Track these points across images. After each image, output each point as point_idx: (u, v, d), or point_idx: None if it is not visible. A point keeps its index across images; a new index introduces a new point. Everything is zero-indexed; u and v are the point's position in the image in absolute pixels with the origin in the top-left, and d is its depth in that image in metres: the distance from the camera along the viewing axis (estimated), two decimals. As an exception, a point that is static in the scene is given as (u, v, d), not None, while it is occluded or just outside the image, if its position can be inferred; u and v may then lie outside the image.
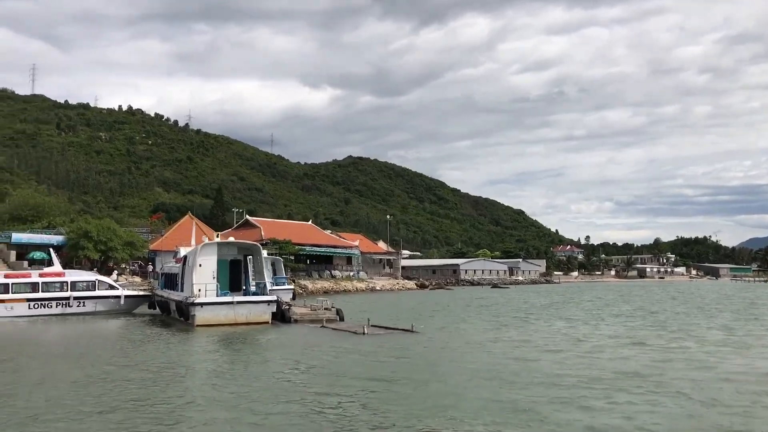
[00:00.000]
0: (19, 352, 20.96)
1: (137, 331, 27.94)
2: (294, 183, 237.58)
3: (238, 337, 24.93)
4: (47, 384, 14.78)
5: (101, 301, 34.46)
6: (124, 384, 14.85)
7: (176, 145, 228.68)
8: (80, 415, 11.64)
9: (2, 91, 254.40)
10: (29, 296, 32.56)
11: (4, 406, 12.33)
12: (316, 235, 79.50)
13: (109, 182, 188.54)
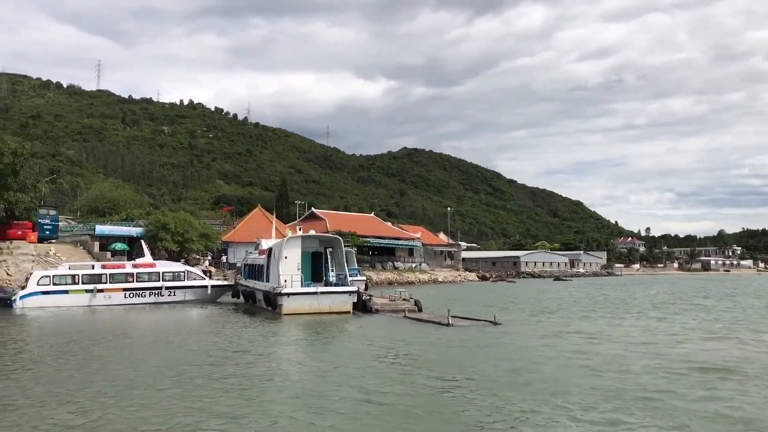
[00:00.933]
0: (125, 335, 22.49)
1: (230, 318, 29.41)
2: (350, 175, 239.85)
3: (327, 325, 25.97)
4: (150, 363, 15.94)
5: (190, 291, 36.21)
6: (229, 362, 15.93)
7: (236, 138, 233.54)
8: (195, 389, 12.66)
9: (70, 87, 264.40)
10: (125, 286, 34.41)
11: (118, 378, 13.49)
12: (379, 227, 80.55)
13: (173, 175, 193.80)
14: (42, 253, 49.17)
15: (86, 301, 32.88)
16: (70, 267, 35.04)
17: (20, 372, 15.06)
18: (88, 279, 33.48)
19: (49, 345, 19.67)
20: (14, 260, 46.71)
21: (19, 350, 18.77)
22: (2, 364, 16.25)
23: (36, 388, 13.16)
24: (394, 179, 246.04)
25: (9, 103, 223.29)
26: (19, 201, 48.87)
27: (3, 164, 48.01)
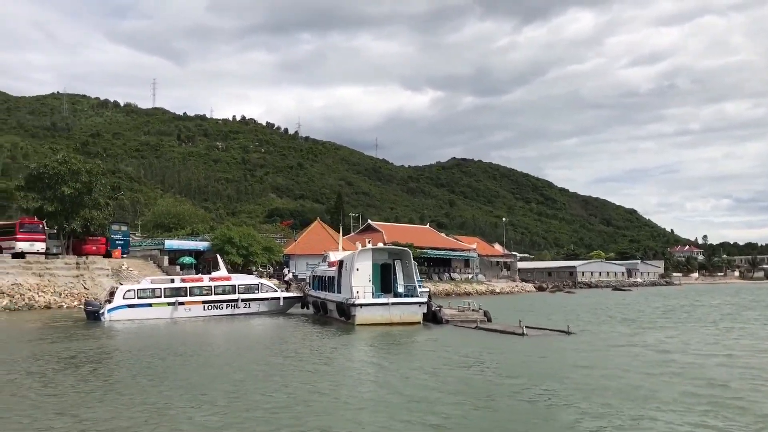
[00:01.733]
0: (214, 344, 23.59)
1: (307, 328, 30.45)
2: (399, 186, 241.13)
3: (403, 335, 26.62)
4: (240, 368, 16.81)
5: (264, 303, 37.41)
6: (323, 372, 16.71)
7: (287, 152, 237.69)
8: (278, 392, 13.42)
9: (127, 106, 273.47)
10: (204, 299, 35.76)
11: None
12: (434, 239, 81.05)
13: (227, 189, 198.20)
14: (115, 268, 51.34)
15: (168, 313, 34.29)
16: (152, 281, 36.55)
17: (157, 379, 16.08)
18: (170, 292, 34.92)
19: (159, 354, 20.83)
20: (90, 275, 48.93)
21: (133, 358, 19.98)
22: (133, 372, 17.34)
23: (173, 392, 14.12)
24: (444, 190, 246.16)
25: (70, 122, 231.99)
26: (94, 218, 51.18)
27: (80, 183, 50.41)
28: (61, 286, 45.89)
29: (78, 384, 15.23)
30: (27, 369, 17.54)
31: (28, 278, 45.11)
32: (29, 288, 44.12)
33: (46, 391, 14.40)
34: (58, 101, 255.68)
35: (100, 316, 32.31)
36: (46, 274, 46.40)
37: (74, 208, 50.18)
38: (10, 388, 14.72)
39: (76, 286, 46.76)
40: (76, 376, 16.34)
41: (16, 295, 42.65)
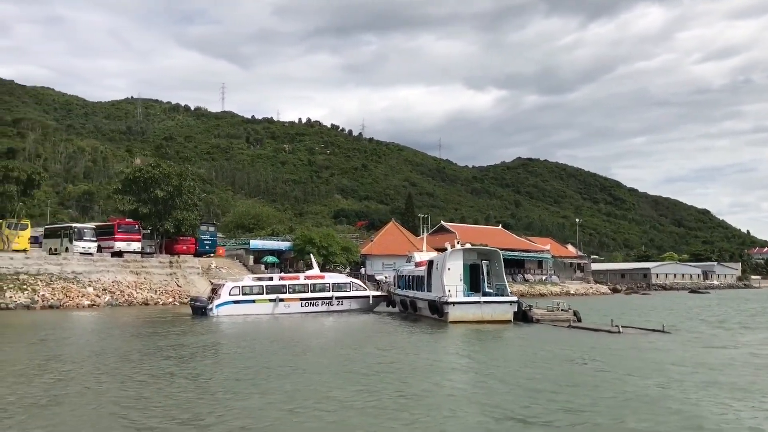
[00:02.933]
0: (327, 338, 24.89)
1: (402, 324, 31.70)
2: (463, 186, 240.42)
3: (498, 333, 27.41)
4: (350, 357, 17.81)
5: (355, 300, 38.95)
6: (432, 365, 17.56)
7: (351, 153, 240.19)
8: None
9: (197, 110, 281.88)
10: (302, 296, 37.41)
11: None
12: (507, 240, 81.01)
13: (294, 190, 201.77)
14: (204, 267, 53.67)
15: (270, 309, 35.98)
16: (253, 279, 38.32)
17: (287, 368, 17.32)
18: (271, 289, 36.64)
19: (285, 346, 22.47)
20: (182, 273, 51.36)
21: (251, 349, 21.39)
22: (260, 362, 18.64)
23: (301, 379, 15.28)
24: (509, 190, 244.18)
25: (144, 126, 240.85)
26: (184, 219, 53.63)
27: (171, 186, 52.95)
28: (156, 283, 48.41)
29: (222, 372, 16.57)
30: (180, 358, 19.18)
31: (127, 276, 47.80)
32: (128, 285, 46.78)
33: (197, 376, 15.76)
34: (132, 106, 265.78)
35: (208, 312, 34.07)
36: (142, 272, 49.02)
37: (166, 209, 52.76)
38: (168, 377, 16.14)
39: (170, 284, 49.22)
40: (212, 366, 17.72)
41: (116, 292, 45.34)
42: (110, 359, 18.84)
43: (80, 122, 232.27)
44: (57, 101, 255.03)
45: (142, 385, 14.61)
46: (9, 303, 39.47)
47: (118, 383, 14.71)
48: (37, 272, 43.74)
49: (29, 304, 40.03)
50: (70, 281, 44.32)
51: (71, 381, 14.95)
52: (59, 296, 42.11)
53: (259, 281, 37.66)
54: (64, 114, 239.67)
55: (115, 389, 13.98)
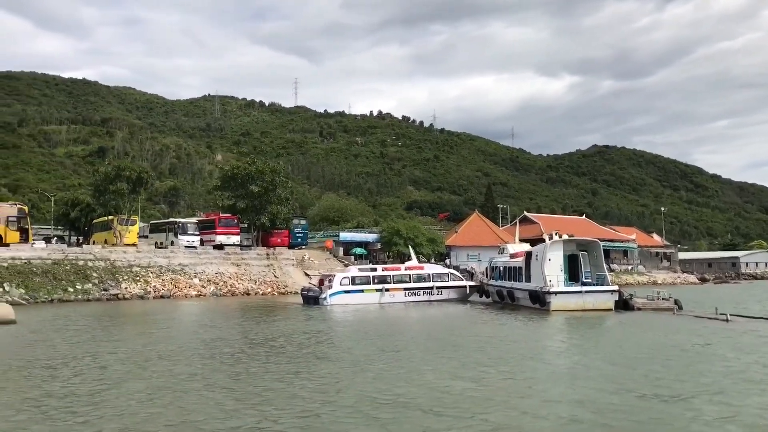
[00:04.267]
0: (441, 325, 26.05)
1: (505, 314, 32.48)
2: (538, 176, 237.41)
3: (605, 320, 28.10)
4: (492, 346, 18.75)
5: (454, 290, 40.16)
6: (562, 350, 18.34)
7: (423, 144, 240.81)
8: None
9: (271, 105, 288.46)
10: (405, 286, 38.77)
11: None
12: (591, 230, 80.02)
13: (367, 183, 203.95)
14: (298, 258, 55.80)
15: (377, 299, 37.45)
16: (359, 269, 39.84)
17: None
18: (378, 280, 38.16)
19: (411, 331, 24.55)
20: (278, 264, 53.60)
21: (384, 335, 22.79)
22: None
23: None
24: (585, 178, 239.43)
25: (222, 123, 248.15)
26: (279, 213, 55.86)
27: (265, 182, 55.23)
28: (255, 274, 50.77)
29: (369, 355, 17.87)
30: (329, 343, 20.73)
31: (228, 268, 50.34)
32: (230, 276, 49.31)
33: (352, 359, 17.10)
34: (209, 103, 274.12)
35: (321, 301, 35.76)
36: (242, 264, 51.51)
37: (261, 204, 55.08)
38: (328, 362, 17.55)
39: (268, 275, 51.49)
40: (357, 348, 19.07)
41: (220, 283, 47.90)
42: (279, 342, 20.82)
43: (161, 120, 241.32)
44: (138, 100, 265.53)
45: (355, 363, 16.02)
46: (125, 293, 42.44)
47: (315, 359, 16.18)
48: (148, 265, 46.69)
49: (143, 294, 42.93)
50: (177, 273, 47.14)
51: (250, 361, 16.52)
52: (169, 287, 44.93)
53: (366, 272, 39.15)
54: (146, 112, 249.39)
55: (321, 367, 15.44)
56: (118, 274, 44.18)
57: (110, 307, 36.94)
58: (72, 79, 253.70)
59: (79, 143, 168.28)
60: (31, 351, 18.61)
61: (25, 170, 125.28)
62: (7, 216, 44.24)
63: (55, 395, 12.57)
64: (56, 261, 42.65)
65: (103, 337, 22.46)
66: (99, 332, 23.94)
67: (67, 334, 22.87)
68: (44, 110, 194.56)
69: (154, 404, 11.81)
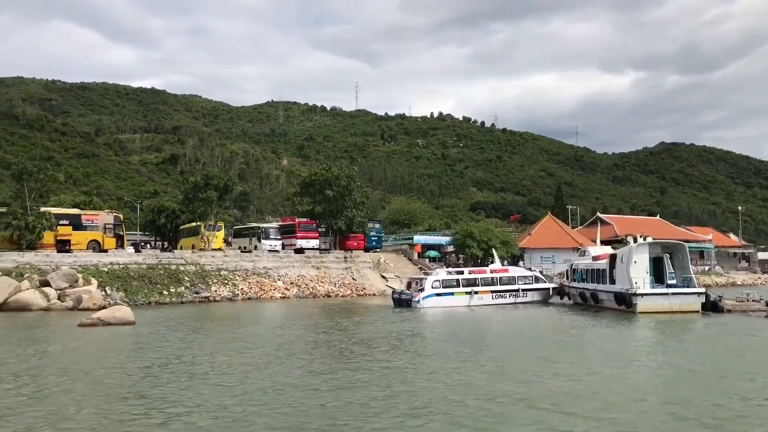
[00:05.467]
0: (543, 327, 26.79)
1: (593, 315, 32.94)
2: (604, 175, 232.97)
3: (696, 322, 28.23)
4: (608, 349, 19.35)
5: (537, 292, 40.82)
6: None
7: (485, 145, 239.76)
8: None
9: (333, 109, 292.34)
10: (492, 288, 39.55)
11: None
12: (666, 230, 78.82)
13: (429, 185, 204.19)
14: (374, 261, 57.10)
15: (466, 301, 38.29)
16: (447, 272, 40.73)
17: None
18: (466, 282, 39.05)
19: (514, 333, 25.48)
20: (356, 267, 55.01)
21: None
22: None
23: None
24: (653, 177, 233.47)
25: (286, 128, 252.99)
26: (355, 216, 57.30)
27: (341, 187, 56.76)
28: (335, 277, 52.28)
29: (471, 354, 18.84)
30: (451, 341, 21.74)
31: (309, 271, 52.04)
32: (311, 279, 50.96)
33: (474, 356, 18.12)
34: (273, 109, 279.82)
35: (413, 304, 36.79)
36: (321, 267, 53.12)
37: (338, 208, 56.61)
38: (439, 357, 18.62)
39: (346, 277, 52.95)
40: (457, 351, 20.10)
41: (302, 285, 49.59)
42: (408, 342, 22.04)
43: (227, 126, 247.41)
44: (204, 108, 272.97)
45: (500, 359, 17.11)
46: (215, 296, 44.52)
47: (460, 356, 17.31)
48: (235, 268, 48.76)
49: (231, 296, 44.93)
50: (262, 276, 49.06)
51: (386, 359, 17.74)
52: (255, 289, 46.84)
53: (455, 275, 40.00)
54: (212, 119, 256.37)
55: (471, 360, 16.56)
56: (207, 278, 46.31)
57: (204, 308, 39.02)
58: (141, 88, 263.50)
59: (152, 151, 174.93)
60: (164, 348, 20.33)
61: (104, 178, 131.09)
62: (105, 223, 47.03)
63: (209, 384, 14.02)
64: (151, 266, 45.06)
65: (219, 335, 24.13)
66: (214, 331, 25.69)
67: (180, 334, 24.63)
68: (118, 120, 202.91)
69: (301, 405, 13.05)
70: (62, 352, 19.80)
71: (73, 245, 44.68)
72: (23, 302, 36.32)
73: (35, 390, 13.94)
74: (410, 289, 38.72)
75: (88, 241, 45.51)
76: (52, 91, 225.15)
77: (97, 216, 47.71)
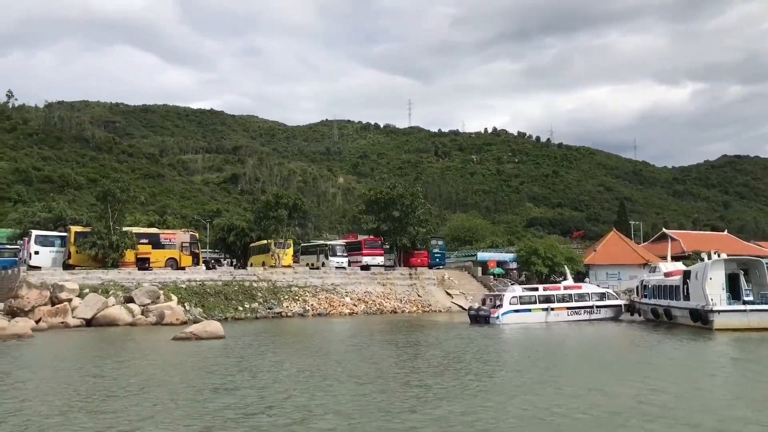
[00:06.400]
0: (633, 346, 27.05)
1: (668, 332, 32.78)
2: (663, 189, 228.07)
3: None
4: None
5: (610, 309, 40.83)
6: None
7: (540, 160, 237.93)
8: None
9: (386, 127, 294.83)
10: (568, 305, 39.73)
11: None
12: (735, 246, 76.61)
13: (485, 201, 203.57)
14: (439, 278, 57.69)
15: (543, 318, 38.47)
16: (523, 289, 40.95)
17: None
18: (543, 299, 39.34)
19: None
20: (421, 284, 55.69)
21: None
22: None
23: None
24: (715, 190, 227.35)
25: (341, 146, 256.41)
26: (419, 233, 58.12)
27: (404, 205, 57.69)
28: (400, 293, 53.03)
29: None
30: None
31: (375, 287, 52.96)
32: (377, 296, 51.85)
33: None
34: (327, 127, 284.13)
35: (493, 320, 37.13)
36: (387, 283, 53.99)
37: (402, 226, 57.52)
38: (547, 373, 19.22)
39: (412, 294, 53.62)
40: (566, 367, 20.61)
41: (369, 302, 50.50)
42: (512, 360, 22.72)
43: (283, 146, 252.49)
44: (261, 127, 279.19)
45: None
46: (286, 311, 45.85)
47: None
48: (304, 285, 50.07)
49: (302, 312, 46.18)
50: (330, 292, 50.21)
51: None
52: (324, 305, 48.00)
53: (531, 291, 40.26)
54: (268, 139, 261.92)
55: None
56: (279, 294, 47.69)
57: (279, 323, 40.24)
58: (200, 109, 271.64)
59: (213, 171, 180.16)
60: (260, 360, 21.47)
61: (169, 197, 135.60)
62: (182, 242, 49.06)
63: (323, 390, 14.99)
64: (226, 282, 46.77)
65: (307, 350, 25.17)
66: (299, 345, 26.78)
67: (273, 346, 25.81)
68: (180, 140, 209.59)
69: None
70: (177, 364, 21.08)
71: (152, 263, 46.76)
72: (111, 317, 38.33)
73: (169, 399, 15.13)
74: (485, 305, 39.10)
75: (166, 259, 47.52)
76: (116, 113, 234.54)
77: (175, 235, 49.79)
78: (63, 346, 27.71)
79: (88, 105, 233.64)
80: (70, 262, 44.46)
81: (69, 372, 19.57)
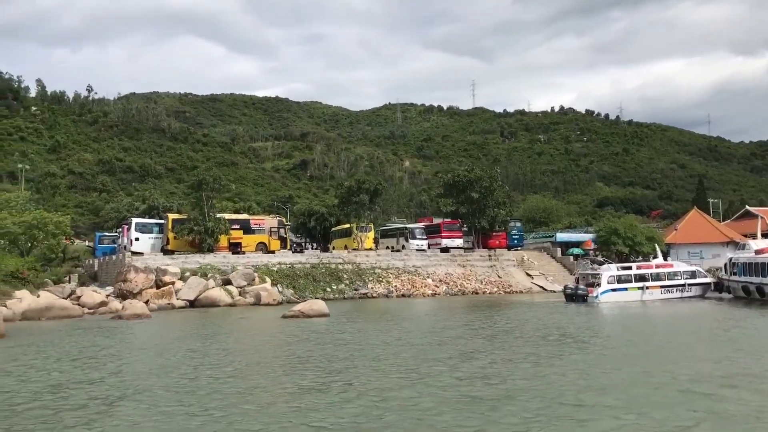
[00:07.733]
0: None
1: (758, 309, 32.65)
2: (740, 165, 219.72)
3: None
4: None
5: (700, 287, 40.92)
6: None
7: (610, 138, 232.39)
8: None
9: (450, 109, 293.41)
10: (662, 283, 39.97)
11: None
12: (826, 221, 74.08)
13: (553, 181, 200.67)
14: (518, 259, 58.21)
15: (638, 296, 38.80)
16: (618, 268, 41.09)
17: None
18: (638, 278, 39.64)
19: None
20: (500, 265, 56.36)
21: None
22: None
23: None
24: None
25: (405, 129, 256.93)
26: (497, 215, 58.69)
27: (483, 188, 58.27)
28: (480, 275, 53.85)
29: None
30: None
31: (455, 269, 53.98)
32: (458, 277, 52.85)
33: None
34: (390, 111, 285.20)
35: (591, 299, 37.77)
36: (467, 265, 54.90)
37: (480, 208, 58.17)
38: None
39: (492, 275, 54.37)
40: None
41: (450, 283, 51.59)
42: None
43: (347, 131, 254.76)
44: (325, 113, 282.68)
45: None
46: (372, 292, 47.45)
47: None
48: (387, 267, 51.54)
49: (387, 293, 47.68)
50: (412, 274, 51.54)
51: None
52: (407, 286, 49.38)
53: (626, 270, 40.45)
54: (333, 125, 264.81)
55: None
56: (363, 276, 49.37)
57: (367, 303, 41.85)
58: (266, 97, 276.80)
59: (283, 157, 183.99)
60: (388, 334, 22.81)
61: (243, 184, 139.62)
62: (270, 227, 51.24)
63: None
64: (313, 265, 48.70)
65: (414, 327, 26.35)
66: (403, 323, 28.02)
67: (380, 325, 27.12)
68: (250, 128, 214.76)
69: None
70: (305, 340, 22.37)
71: (243, 247, 49.10)
72: (212, 299, 40.77)
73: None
74: (578, 284, 39.71)
75: (257, 243, 49.76)
76: (186, 103, 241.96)
77: (264, 221, 52.04)
78: (189, 323, 29.76)
79: (159, 96, 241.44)
80: (169, 247, 47.20)
81: (239, 343, 21.64)
